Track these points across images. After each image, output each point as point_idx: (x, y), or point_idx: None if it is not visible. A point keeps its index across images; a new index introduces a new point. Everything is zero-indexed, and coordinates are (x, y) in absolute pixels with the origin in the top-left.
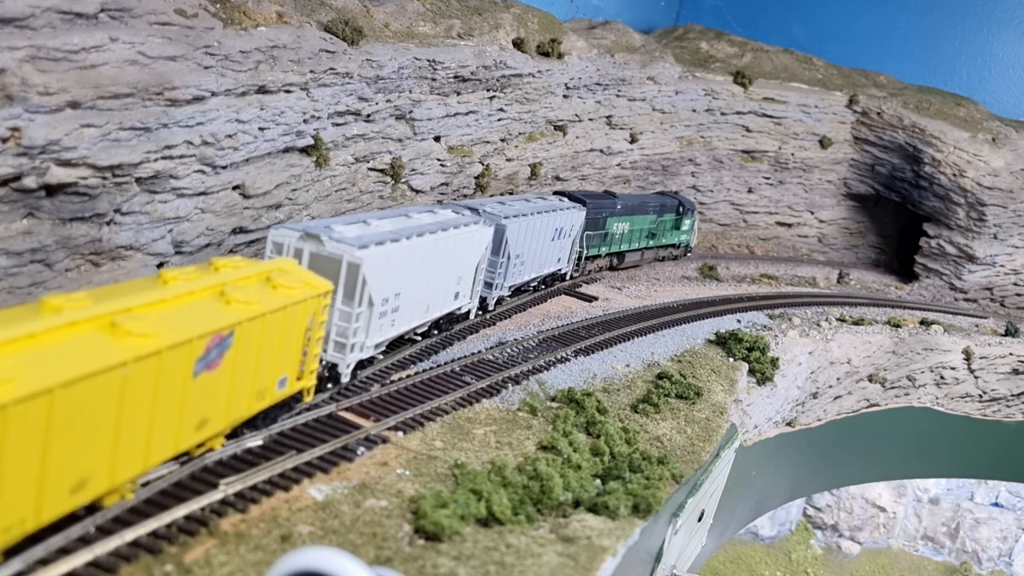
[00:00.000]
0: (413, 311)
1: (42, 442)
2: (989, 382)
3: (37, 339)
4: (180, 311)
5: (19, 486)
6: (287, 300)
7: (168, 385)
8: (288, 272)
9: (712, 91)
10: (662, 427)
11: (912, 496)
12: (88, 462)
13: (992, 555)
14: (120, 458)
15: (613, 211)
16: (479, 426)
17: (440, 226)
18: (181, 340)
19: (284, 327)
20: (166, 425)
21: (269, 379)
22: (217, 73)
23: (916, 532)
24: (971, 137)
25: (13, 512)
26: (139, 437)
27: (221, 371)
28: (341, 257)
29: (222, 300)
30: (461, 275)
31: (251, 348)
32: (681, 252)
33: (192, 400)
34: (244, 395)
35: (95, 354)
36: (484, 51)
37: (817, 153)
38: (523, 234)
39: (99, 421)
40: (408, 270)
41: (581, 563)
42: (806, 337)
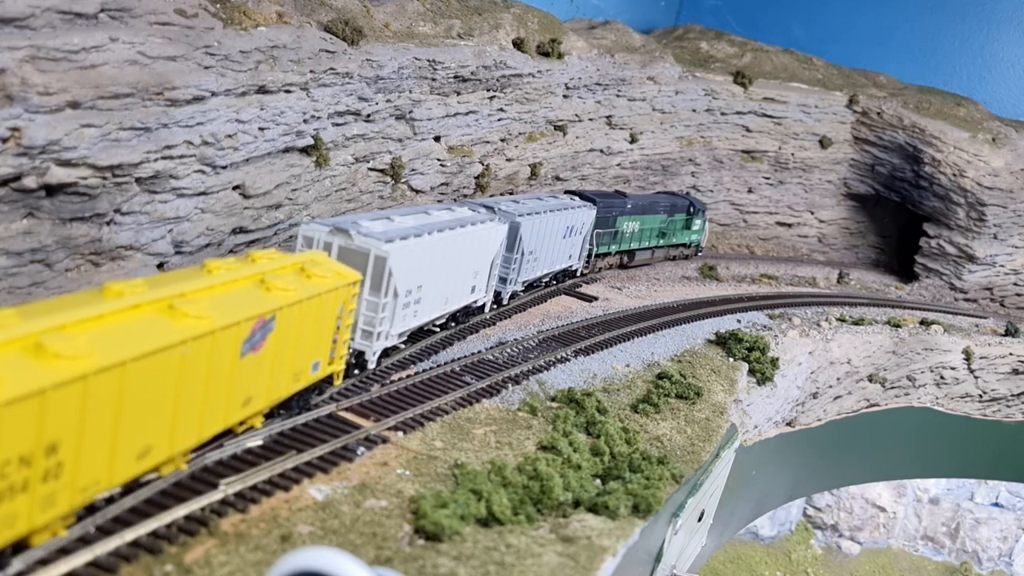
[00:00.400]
0: (433, 303)
1: (115, 410)
2: (989, 382)
3: (107, 319)
4: (227, 297)
5: (96, 450)
6: (320, 288)
7: (219, 364)
8: (320, 263)
9: (712, 91)
10: (662, 427)
11: (912, 496)
12: (152, 431)
13: (992, 555)
14: (178, 429)
15: (623, 210)
16: (479, 426)
17: (458, 223)
18: (231, 322)
19: (318, 314)
20: (217, 401)
21: (304, 362)
22: (217, 73)
23: (916, 532)
24: (971, 137)
25: (90, 473)
26: (194, 411)
27: (264, 353)
28: (369, 251)
29: (263, 287)
30: (477, 270)
31: (290, 332)
32: (692, 252)
33: (239, 379)
34: (283, 376)
35: (158, 333)
36: (484, 51)
37: (817, 153)
38: (536, 231)
39: (162, 394)
40: (429, 264)
41: (581, 563)
42: (806, 337)
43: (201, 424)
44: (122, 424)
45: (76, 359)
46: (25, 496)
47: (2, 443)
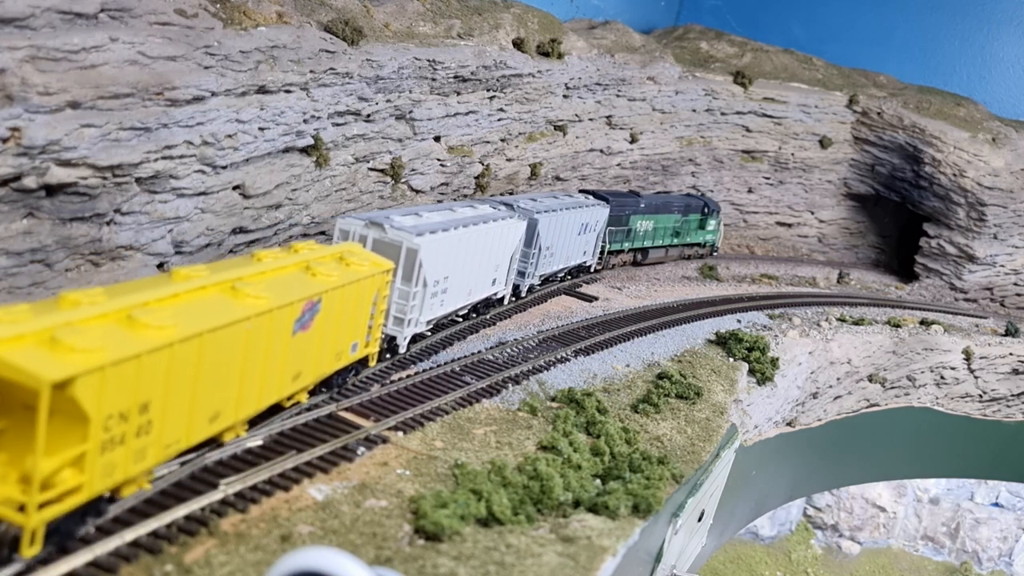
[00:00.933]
0: (458, 293)
1: (193, 376)
2: (989, 382)
3: (181, 298)
4: (280, 281)
5: (177, 411)
6: (358, 275)
7: (275, 340)
8: (356, 253)
9: (712, 91)
10: (662, 427)
11: (912, 496)
12: (221, 398)
13: (992, 555)
14: (242, 398)
15: (636, 209)
16: (479, 426)
17: (481, 219)
18: (285, 303)
19: (356, 298)
20: (272, 374)
21: (345, 343)
22: (217, 73)
23: (916, 532)
24: (971, 137)
25: (173, 432)
26: (255, 382)
27: (312, 332)
28: (401, 243)
29: (309, 273)
30: (498, 263)
31: (333, 314)
32: (707, 251)
33: (291, 355)
34: (327, 354)
35: (226, 310)
36: (484, 51)
37: (817, 153)
38: (553, 228)
39: (230, 364)
40: (455, 257)
41: (581, 563)
42: (806, 337)
43: (260, 395)
44: (198, 389)
45: (162, 329)
46: (122, 449)
47: (107, 400)
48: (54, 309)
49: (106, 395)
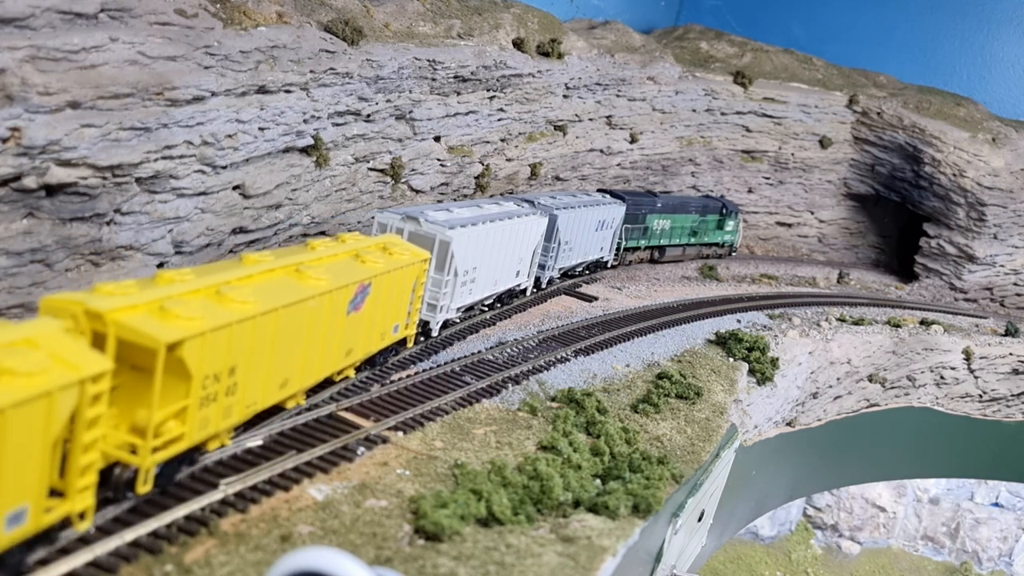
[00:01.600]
0: (485, 283)
1: (271, 346)
2: (989, 382)
3: (255, 278)
4: (335, 266)
5: (256, 376)
6: (401, 263)
7: (333, 318)
8: (398, 244)
9: (712, 91)
10: (662, 427)
11: (912, 496)
12: (289, 367)
13: (992, 555)
14: (305, 368)
15: (653, 208)
16: (479, 426)
17: (507, 215)
18: (342, 284)
19: (399, 284)
20: (330, 348)
21: (388, 324)
22: (217, 73)
23: (916, 532)
24: (971, 137)
25: (252, 394)
26: (316, 354)
27: (362, 313)
28: (435, 236)
29: (358, 261)
30: (522, 256)
31: (380, 297)
32: (726, 251)
33: (345, 332)
34: (374, 333)
35: (295, 290)
36: (484, 51)
37: (817, 153)
38: (571, 224)
39: (297, 337)
40: (483, 249)
41: (581, 563)
42: (806, 337)
43: (319, 366)
44: (273, 357)
45: (246, 304)
46: (215, 406)
47: (205, 362)
48: (155, 284)
49: (205, 357)
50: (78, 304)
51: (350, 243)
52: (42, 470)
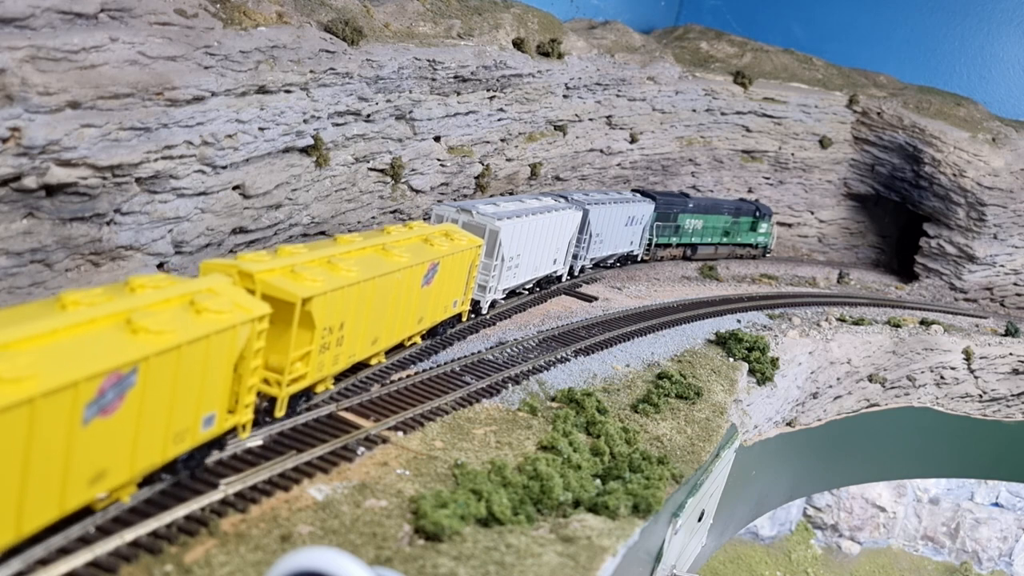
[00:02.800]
0: (527, 269)
1: (368, 308)
2: (989, 382)
3: (353, 254)
4: (410, 247)
5: (356, 331)
6: (461, 248)
7: (411, 289)
8: (457, 232)
9: (712, 91)
10: (662, 427)
11: (912, 496)
12: (378, 328)
13: (992, 555)
14: (389, 330)
15: (685, 208)
16: (479, 426)
17: (545, 209)
18: (419, 262)
19: (459, 264)
20: (406, 315)
21: (449, 299)
22: (217, 73)
23: (916, 532)
24: (971, 137)
25: (352, 347)
26: (397, 320)
27: (432, 287)
28: (486, 226)
29: (427, 244)
30: (558, 246)
31: (445, 275)
32: (759, 252)
33: (418, 302)
34: (439, 306)
35: (385, 264)
36: (484, 51)
37: (817, 153)
38: (602, 218)
39: (384, 304)
40: (526, 239)
41: (581, 563)
42: (806, 337)
43: (400, 329)
44: (368, 318)
45: (351, 272)
46: (328, 353)
47: (325, 316)
48: (280, 255)
49: (325, 312)
50: (232, 267)
51: (417, 229)
52: (225, 386)
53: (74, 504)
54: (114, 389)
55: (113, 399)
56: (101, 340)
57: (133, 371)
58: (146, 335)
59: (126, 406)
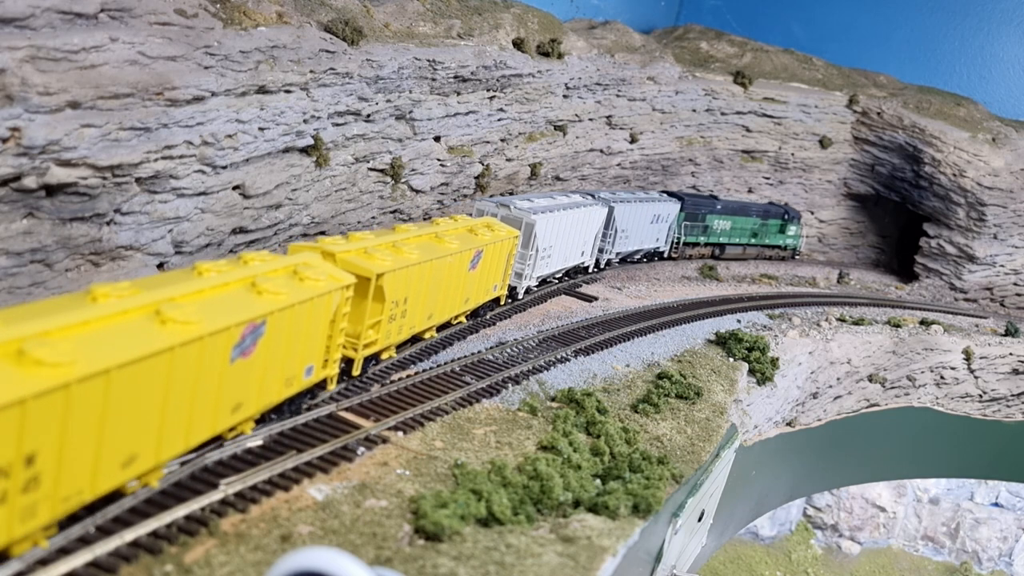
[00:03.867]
0: (558, 259)
1: (424, 286)
2: (989, 382)
3: (411, 240)
4: (459, 236)
5: (415, 307)
6: (501, 238)
7: (459, 273)
8: (496, 224)
9: (712, 91)
10: (662, 427)
11: (912, 496)
12: (433, 305)
13: (992, 555)
14: (441, 306)
15: (713, 209)
16: (479, 426)
17: (574, 205)
18: (466, 249)
19: (499, 252)
20: (455, 296)
21: (491, 283)
22: (217, 73)
23: (916, 532)
24: (971, 137)
25: (413, 320)
26: (448, 298)
27: (477, 271)
28: (522, 219)
29: (472, 233)
30: (586, 239)
31: (488, 262)
32: (788, 254)
33: (465, 285)
34: (482, 289)
35: (438, 249)
36: (484, 51)
37: (817, 153)
38: (626, 215)
39: (439, 283)
40: (557, 231)
41: (581, 563)
42: (806, 337)
43: (450, 308)
44: (426, 295)
45: (413, 254)
46: (394, 324)
47: (393, 291)
48: (352, 240)
49: (393, 287)
50: (317, 248)
51: (462, 221)
52: (321, 343)
53: (222, 427)
54: (251, 336)
55: (250, 344)
56: (236, 299)
57: (263, 322)
58: (269, 295)
59: (258, 351)
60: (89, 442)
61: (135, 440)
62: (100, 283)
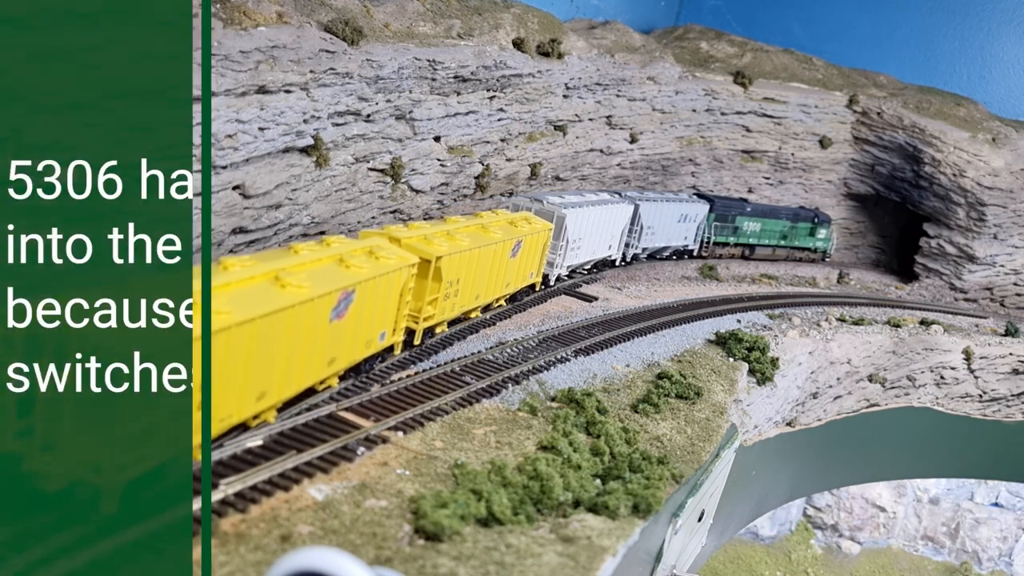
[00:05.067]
0: (586, 251)
1: (474, 270)
2: (989, 382)
3: (461, 230)
4: (502, 227)
5: (467, 288)
6: (536, 230)
7: (502, 260)
8: (532, 217)
9: (712, 91)
10: (662, 427)
11: (912, 496)
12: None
13: (992, 555)
14: (487, 290)
15: (743, 211)
16: (479, 426)
17: (601, 202)
18: (508, 238)
19: (535, 243)
20: (500, 280)
21: (527, 270)
22: (217, 73)
23: (916, 532)
24: (971, 137)
25: (463, 300)
26: (493, 282)
27: (517, 259)
28: (554, 213)
29: (513, 226)
30: (612, 234)
31: (526, 251)
32: (819, 256)
33: (506, 271)
34: (520, 275)
35: (484, 238)
36: (484, 51)
37: (817, 153)
38: (652, 213)
39: (486, 267)
40: (586, 225)
41: (581, 563)
42: (806, 337)
43: (494, 290)
44: (475, 278)
45: (464, 242)
46: (447, 301)
47: (448, 272)
48: (411, 228)
49: (448, 269)
50: (384, 234)
51: (502, 214)
52: (392, 313)
53: (319, 377)
54: (344, 301)
55: (343, 308)
56: (330, 271)
57: (353, 290)
58: (355, 269)
59: (348, 315)
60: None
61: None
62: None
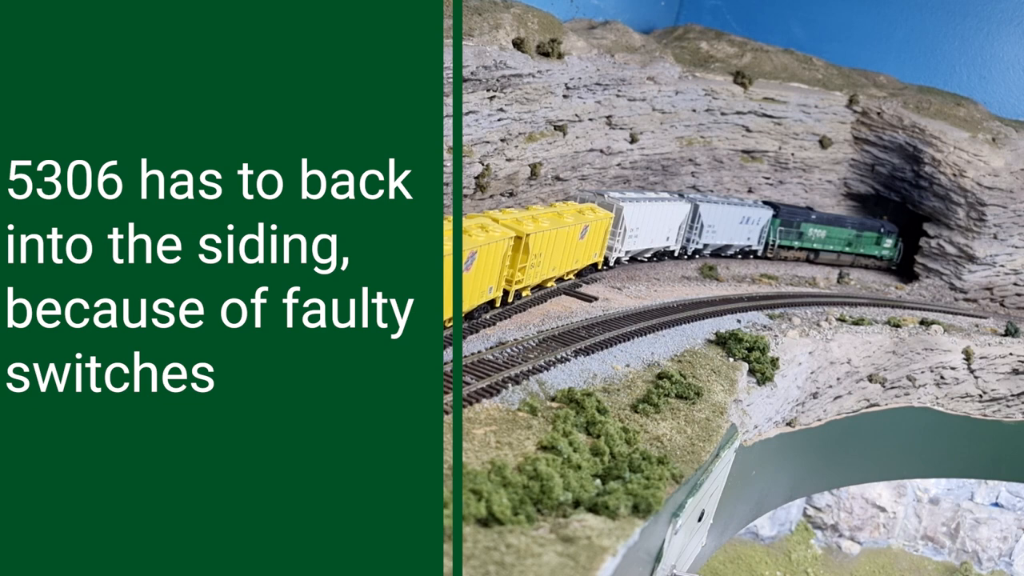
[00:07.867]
0: (642, 240)
1: (551, 247)
2: (989, 382)
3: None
4: (571, 214)
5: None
6: (599, 217)
7: (573, 241)
8: (596, 208)
9: (712, 91)
10: (662, 427)
11: (912, 496)
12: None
13: (992, 555)
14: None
15: (807, 219)
16: (479, 426)
17: (658, 199)
18: (578, 223)
19: (599, 228)
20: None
21: (592, 251)
22: None
23: (916, 532)
24: (971, 137)
25: (543, 271)
26: (565, 258)
27: (584, 241)
28: (614, 204)
29: (580, 214)
30: (670, 227)
31: (591, 234)
32: (885, 264)
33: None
34: (586, 255)
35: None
36: (484, 51)
37: (817, 153)
38: (713, 213)
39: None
40: (641, 217)
41: (581, 563)
42: (806, 337)
43: (565, 265)
44: (552, 254)
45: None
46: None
47: (534, 247)
48: (505, 213)
49: (534, 244)
50: (486, 216)
51: (571, 205)
52: (496, 273)
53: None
54: (471, 259)
55: (470, 264)
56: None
57: (475, 252)
58: (475, 237)
59: (473, 269)
60: None
61: None
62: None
